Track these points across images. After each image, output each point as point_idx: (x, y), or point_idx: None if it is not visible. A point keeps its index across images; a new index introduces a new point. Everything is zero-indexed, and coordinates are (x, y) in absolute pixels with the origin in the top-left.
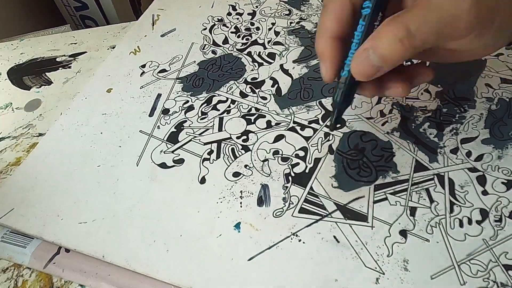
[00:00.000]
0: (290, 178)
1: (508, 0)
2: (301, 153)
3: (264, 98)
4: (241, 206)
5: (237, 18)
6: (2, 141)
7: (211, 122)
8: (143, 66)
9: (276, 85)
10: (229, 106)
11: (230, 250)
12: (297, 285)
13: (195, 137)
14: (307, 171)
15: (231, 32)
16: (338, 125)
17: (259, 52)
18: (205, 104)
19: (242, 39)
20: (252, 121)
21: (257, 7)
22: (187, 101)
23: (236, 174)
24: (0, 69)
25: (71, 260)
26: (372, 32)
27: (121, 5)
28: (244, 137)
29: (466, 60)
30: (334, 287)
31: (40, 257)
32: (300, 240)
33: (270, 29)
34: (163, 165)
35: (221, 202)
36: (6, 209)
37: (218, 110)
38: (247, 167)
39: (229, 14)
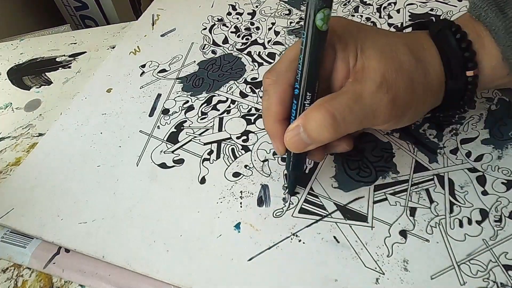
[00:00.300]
0: None
1: (421, 92)
2: None
3: None
4: (241, 206)
5: (237, 18)
6: (2, 141)
7: (211, 122)
8: (143, 66)
9: None
10: (229, 106)
11: (230, 250)
12: (297, 285)
13: (195, 137)
14: (307, 171)
15: (231, 32)
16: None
17: (259, 52)
18: (205, 104)
19: (242, 39)
20: (252, 121)
21: (257, 7)
22: (187, 101)
23: (236, 174)
24: (0, 69)
25: (71, 260)
26: (304, 109)
27: (121, 5)
28: (244, 137)
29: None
30: (334, 287)
31: (40, 257)
32: (300, 240)
33: (270, 29)
34: (163, 165)
35: (221, 202)
36: (6, 209)
37: (218, 110)
38: (247, 167)
39: (229, 14)
